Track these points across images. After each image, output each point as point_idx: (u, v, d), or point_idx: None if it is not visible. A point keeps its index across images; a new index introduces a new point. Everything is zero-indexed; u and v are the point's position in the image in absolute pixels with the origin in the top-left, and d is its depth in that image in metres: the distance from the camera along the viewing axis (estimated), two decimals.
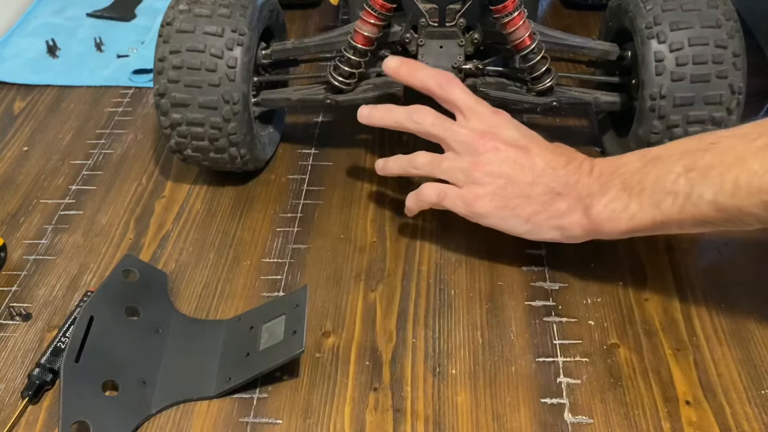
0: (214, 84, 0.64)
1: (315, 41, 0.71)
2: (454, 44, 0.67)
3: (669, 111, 0.63)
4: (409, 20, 0.67)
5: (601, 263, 0.64)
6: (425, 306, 0.61)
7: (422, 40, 0.67)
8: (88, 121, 0.84)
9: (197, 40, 0.64)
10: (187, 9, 0.66)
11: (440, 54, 0.67)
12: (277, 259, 0.66)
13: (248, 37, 0.65)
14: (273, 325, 0.57)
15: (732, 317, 0.59)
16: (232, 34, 0.64)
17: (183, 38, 0.65)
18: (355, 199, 0.71)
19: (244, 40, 0.65)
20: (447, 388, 0.55)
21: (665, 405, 0.53)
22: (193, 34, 0.65)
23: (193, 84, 0.64)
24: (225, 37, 0.64)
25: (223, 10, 0.65)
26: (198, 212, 0.71)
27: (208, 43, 0.64)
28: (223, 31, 0.64)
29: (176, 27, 0.65)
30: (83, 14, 1.04)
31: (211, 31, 0.64)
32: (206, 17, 0.65)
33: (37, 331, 0.60)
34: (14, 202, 0.73)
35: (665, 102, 0.62)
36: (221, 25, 0.65)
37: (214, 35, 0.64)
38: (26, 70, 0.93)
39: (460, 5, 0.65)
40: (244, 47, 0.65)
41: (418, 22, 0.66)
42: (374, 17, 0.64)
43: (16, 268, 0.66)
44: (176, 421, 0.53)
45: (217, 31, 0.64)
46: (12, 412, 0.54)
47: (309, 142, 0.79)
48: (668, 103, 0.62)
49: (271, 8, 0.72)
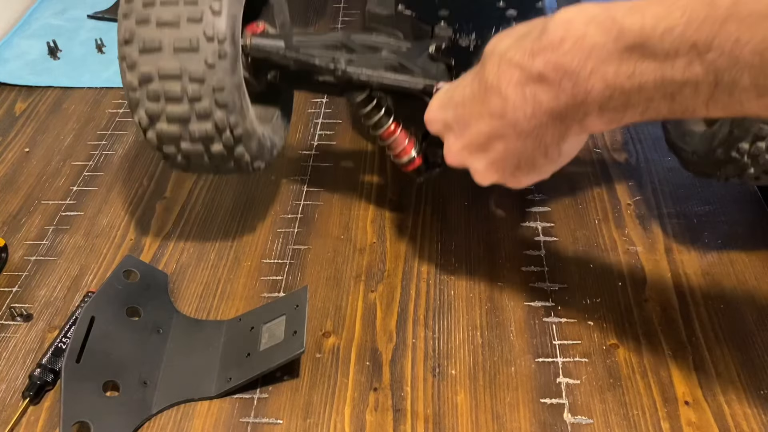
0: (194, 19, 0.52)
1: (314, 41, 0.60)
2: None
3: None
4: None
5: (600, 264, 0.64)
6: (425, 306, 0.61)
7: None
8: (89, 123, 0.84)
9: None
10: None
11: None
12: (278, 259, 0.66)
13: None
14: (273, 326, 0.57)
15: (731, 318, 0.59)
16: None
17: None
18: (355, 200, 0.72)
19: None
20: (447, 388, 0.55)
21: (664, 405, 0.53)
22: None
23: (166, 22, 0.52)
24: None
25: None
26: (199, 213, 0.71)
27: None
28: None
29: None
30: (84, 16, 1.05)
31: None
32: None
33: (38, 331, 0.60)
34: (15, 202, 0.73)
35: None
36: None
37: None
38: (27, 71, 0.93)
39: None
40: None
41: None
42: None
43: (18, 268, 0.66)
44: (177, 421, 0.53)
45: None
46: (13, 412, 0.54)
47: (309, 144, 0.79)
48: None
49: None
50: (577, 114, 0.43)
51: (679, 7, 0.36)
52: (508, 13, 0.66)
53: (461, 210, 0.70)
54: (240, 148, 0.57)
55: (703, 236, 0.66)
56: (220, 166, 0.59)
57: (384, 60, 0.59)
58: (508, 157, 0.47)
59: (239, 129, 0.55)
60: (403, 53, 0.60)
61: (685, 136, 0.60)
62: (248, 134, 0.57)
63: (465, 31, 0.63)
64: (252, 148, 0.58)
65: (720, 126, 0.56)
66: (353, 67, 0.57)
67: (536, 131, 0.45)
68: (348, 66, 0.57)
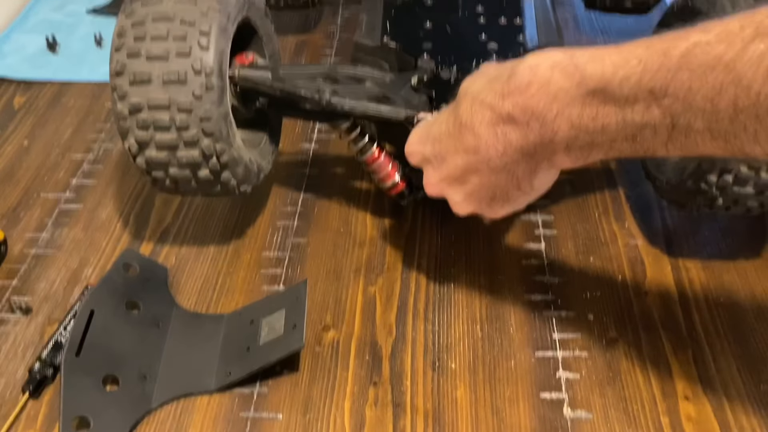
0: (183, 53, 0.54)
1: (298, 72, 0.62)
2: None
3: None
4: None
5: (600, 257, 0.64)
6: (425, 300, 0.61)
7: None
8: (88, 116, 0.84)
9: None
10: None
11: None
12: (278, 253, 0.66)
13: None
14: (273, 320, 0.57)
15: (731, 312, 0.59)
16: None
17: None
18: (355, 193, 0.71)
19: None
20: (446, 382, 0.55)
21: (664, 400, 0.53)
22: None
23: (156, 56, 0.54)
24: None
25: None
26: (198, 206, 0.71)
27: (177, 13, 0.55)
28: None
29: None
30: (83, 10, 1.04)
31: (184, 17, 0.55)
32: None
33: (37, 325, 0.60)
34: (15, 196, 0.73)
35: None
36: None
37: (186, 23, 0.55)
38: (26, 65, 0.93)
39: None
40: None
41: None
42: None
43: (17, 261, 0.66)
44: (177, 415, 0.54)
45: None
46: (13, 406, 0.54)
47: (309, 136, 0.79)
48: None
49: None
50: (545, 152, 0.45)
51: (635, 56, 0.39)
52: (489, 47, 0.67)
53: None
54: (226, 174, 0.59)
55: (703, 230, 0.66)
56: (207, 190, 0.61)
57: (367, 91, 0.61)
58: (483, 190, 0.50)
59: (225, 156, 0.57)
60: (387, 84, 0.62)
61: (659, 166, 0.62)
62: (234, 160, 0.58)
63: (447, 63, 0.66)
64: (238, 173, 0.60)
65: (690, 158, 0.56)
66: (337, 98, 0.59)
67: (508, 167, 0.47)
68: (332, 96, 0.59)
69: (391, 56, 0.68)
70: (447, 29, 0.71)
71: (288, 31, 0.96)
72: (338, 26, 0.98)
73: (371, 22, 0.73)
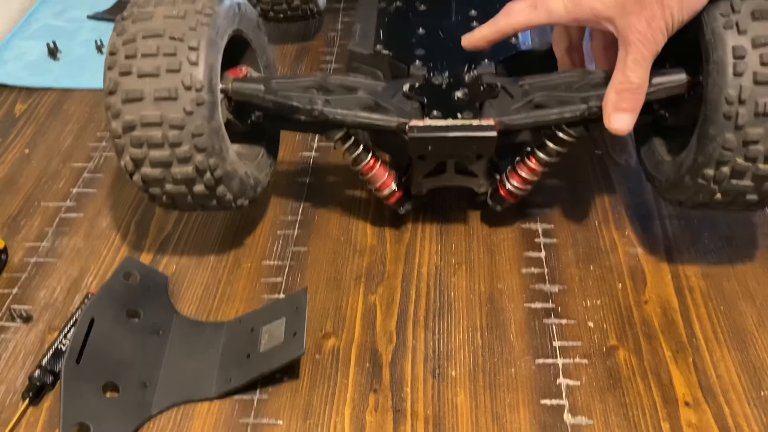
0: (173, 69, 0.55)
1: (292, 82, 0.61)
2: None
3: (748, 121, 0.51)
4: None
5: (601, 265, 0.64)
6: (425, 308, 0.61)
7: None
8: (89, 124, 0.84)
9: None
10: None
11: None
12: (278, 261, 0.66)
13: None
14: (273, 327, 0.57)
15: (731, 319, 0.59)
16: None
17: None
18: (355, 201, 0.72)
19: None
20: (447, 389, 0.55)
21: (665, 406, 0.53)
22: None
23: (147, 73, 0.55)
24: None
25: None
26: (198, 215, 0.71)
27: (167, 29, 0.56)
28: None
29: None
30: (84, 16, 1.05)
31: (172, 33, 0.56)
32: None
33: (37, 333, 0.60)
34: (15, 204, 0.73)
35: (744, 110, 0.51)
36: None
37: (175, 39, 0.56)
38: (27, 72, 0.93)
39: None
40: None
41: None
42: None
43: (17, 270, 0.66)
44: (177, 422, 0.53)
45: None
46: (13, 413, 0.54)
47: (309, 144, 0.79)
48: (748, 112, 0.51)
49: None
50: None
51: None
52: (482, 51, 0.66)
53: (461, 212, 0.70)
54: (221, 188, 0.58)
55: (704, 237, 0.66)
56: (204, 205, 0.61)
57: (359, 100, 0.61)
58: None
59: (219, 171, 0.57)
60: (379, 92, 0.62)
61: (658, 166, 0.61)
62: (229, 175, 0.58)
63: (439, 69, 0.66)
64: (233, 187, 0.59)
65: (686, 154, 0.56)
66: (329, 108, 0.59)
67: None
68: (324, 106, 0.59)
69: (384, 64, 0.68)
70: (440, 35, 0.71)
71: (288, 39, 0.96)
72: (338, 32, 0.98)
73: (365, 30, 0.73)
